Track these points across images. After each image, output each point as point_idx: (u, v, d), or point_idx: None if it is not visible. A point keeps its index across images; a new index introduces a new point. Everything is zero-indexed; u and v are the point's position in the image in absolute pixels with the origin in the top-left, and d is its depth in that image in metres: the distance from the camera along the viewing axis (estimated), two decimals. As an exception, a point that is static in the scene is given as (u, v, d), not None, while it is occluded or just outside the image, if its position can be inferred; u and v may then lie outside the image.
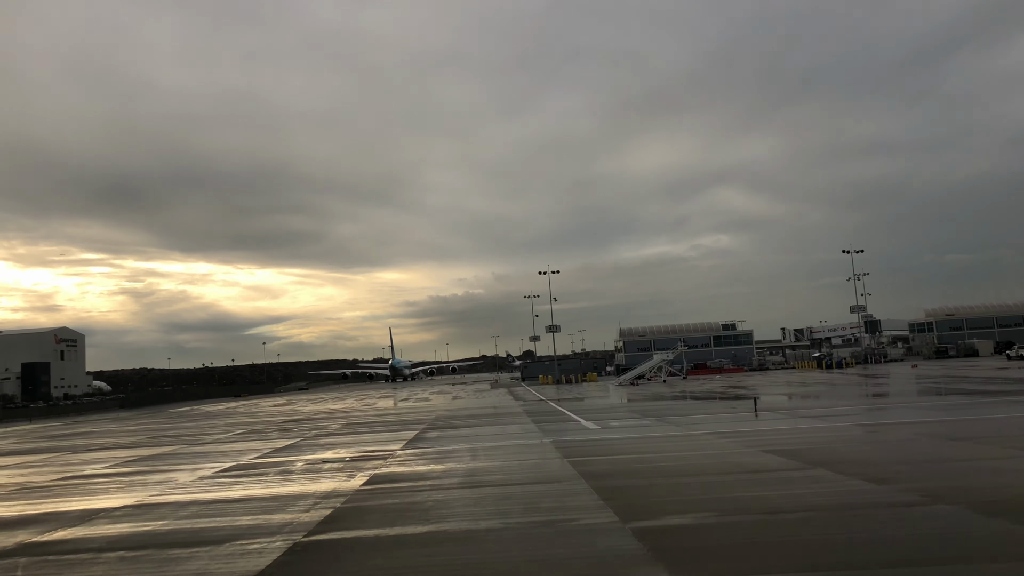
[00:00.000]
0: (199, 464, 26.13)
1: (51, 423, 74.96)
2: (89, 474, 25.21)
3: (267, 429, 43.15)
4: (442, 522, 13.67)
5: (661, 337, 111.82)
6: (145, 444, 37.77)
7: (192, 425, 53.29)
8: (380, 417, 49.08)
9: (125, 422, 65.42)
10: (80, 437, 47.05)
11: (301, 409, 68.62)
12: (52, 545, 13.51)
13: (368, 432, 36.74)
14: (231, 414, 67.69)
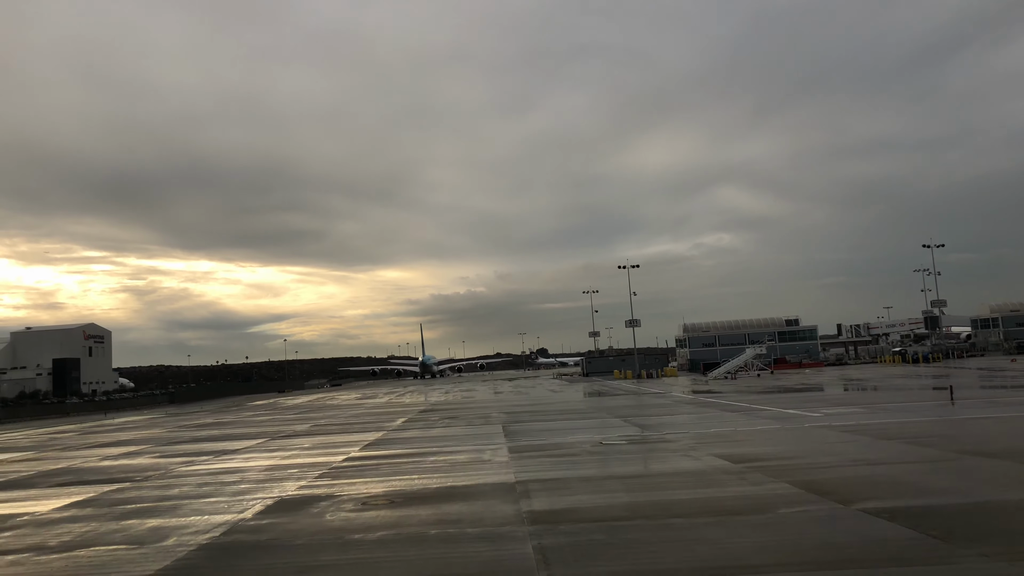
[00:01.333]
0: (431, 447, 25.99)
1: (130, 418, 74.57)
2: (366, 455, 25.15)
3: (385, 416, 43.48)
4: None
5: (725, 333, 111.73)
6: (333, 432, 37.52)
7: (319, 416, 53.03)
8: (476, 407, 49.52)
9: (240, 413, 65.04)
10: (237, 426, 47.11)
11: (379, 401, 69.27)
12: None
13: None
14: (326, 407, 67.35)
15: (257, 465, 24.14)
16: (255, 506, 16.10)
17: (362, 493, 17.13)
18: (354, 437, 32.92)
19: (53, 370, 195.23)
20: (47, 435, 49.48)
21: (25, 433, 54.23)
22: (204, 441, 35.80)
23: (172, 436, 40.81)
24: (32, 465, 29.00)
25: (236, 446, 31.71)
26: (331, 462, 23.71)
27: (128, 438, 41.75)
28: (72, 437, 45.48)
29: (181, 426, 50.49)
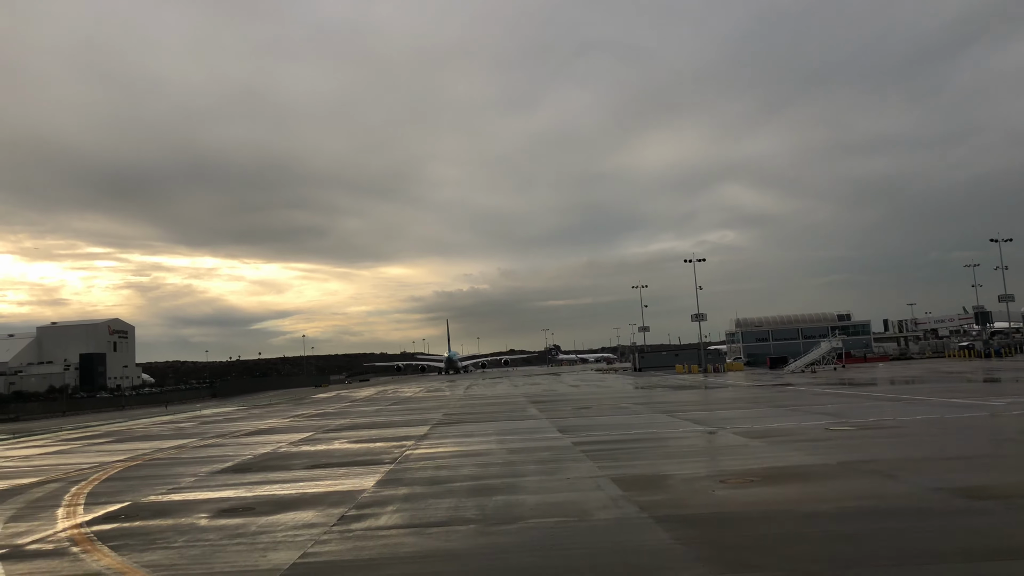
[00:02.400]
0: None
1: (219, 409, 74.19)
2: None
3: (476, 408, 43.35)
4: None
5: (778, 328, 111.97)
6: (506, 418, 37.43)
7: (402, 408, 52.70)
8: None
9: (331, 405, 64.54)
10: (368, 415, 46.91)
11: (449, 395, 69.17)
12: None
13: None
14: (413, 399, 67.11)
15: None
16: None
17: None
18: (544, 423, 32.71)
19: (80, 365, 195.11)
20: (194, 425, 49.34)
21: (137, 424, 53.96)
22: (388, 427, 35.56)
23: (328, 425, 40.57)
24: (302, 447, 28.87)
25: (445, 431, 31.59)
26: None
27: (287, 424, 41.78)
28: (223, 424, 45.28)
29: (309, 416, 50.20)
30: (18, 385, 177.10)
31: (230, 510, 15.54)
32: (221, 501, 16.79)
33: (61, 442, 39.64)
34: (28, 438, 44.73)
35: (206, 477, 21.31)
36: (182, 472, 22.73)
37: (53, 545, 13.20)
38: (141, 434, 41.90)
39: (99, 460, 28.05)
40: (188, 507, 16.24)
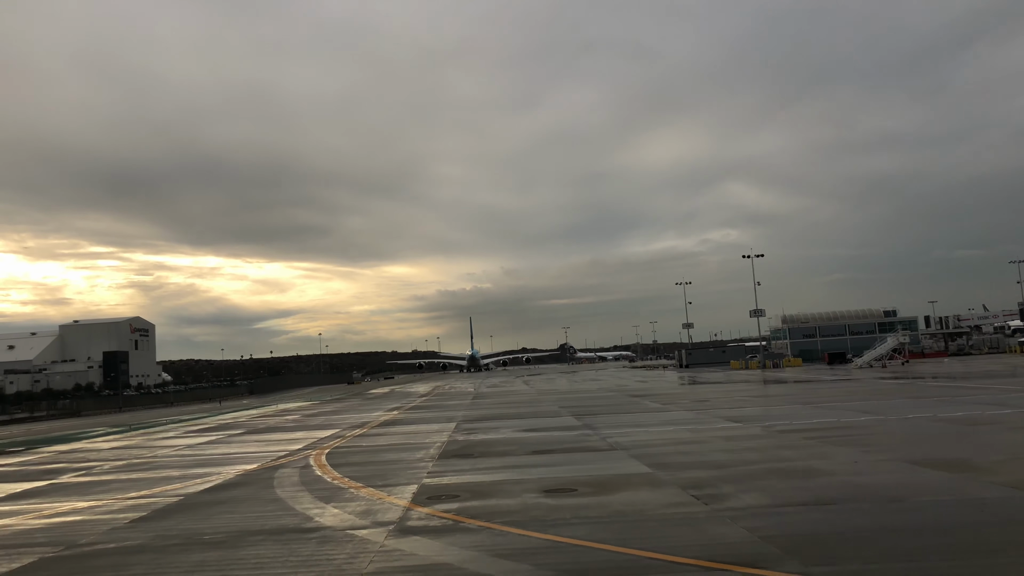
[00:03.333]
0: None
1: (296, 403, 73.76)
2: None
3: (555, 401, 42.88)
4: None
5: (825, 324, 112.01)
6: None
7: (462, 403, 52.42)
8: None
9: (405, 400, 64.21)
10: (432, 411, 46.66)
11: (522, 388, 68.37)
12: None
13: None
14: (468, 394, 66.75)
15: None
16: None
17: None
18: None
19: (103, 363, 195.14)
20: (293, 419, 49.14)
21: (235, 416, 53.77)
22: (514, 418, 35.37)
23: (465, 416, 40.33)
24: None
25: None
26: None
27: (413, 417, 41.52)
28: (331, 416, 45.08)
29: (415, 408, 49.93)
30: (43, 383, 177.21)
31: (551, 491, 15.36)
32: (513, 483, 16.62)
33: (204, 433, 39.30)
34: (151, 430, 44.48)
35: (439, 461, 21.12)
36: (405, 458, 22.54)
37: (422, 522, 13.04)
38: (264, 426, 41.64)
39: (287, 447, 27.85)
40: (496, 488, 16.04)
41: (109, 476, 22.58)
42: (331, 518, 13.76)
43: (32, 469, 25.98)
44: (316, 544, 11.74)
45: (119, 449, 32.04)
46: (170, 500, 17.05)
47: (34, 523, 15.18)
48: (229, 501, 16.37)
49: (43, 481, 22.10)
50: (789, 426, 25.29)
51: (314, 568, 10.30)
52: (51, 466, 26.63)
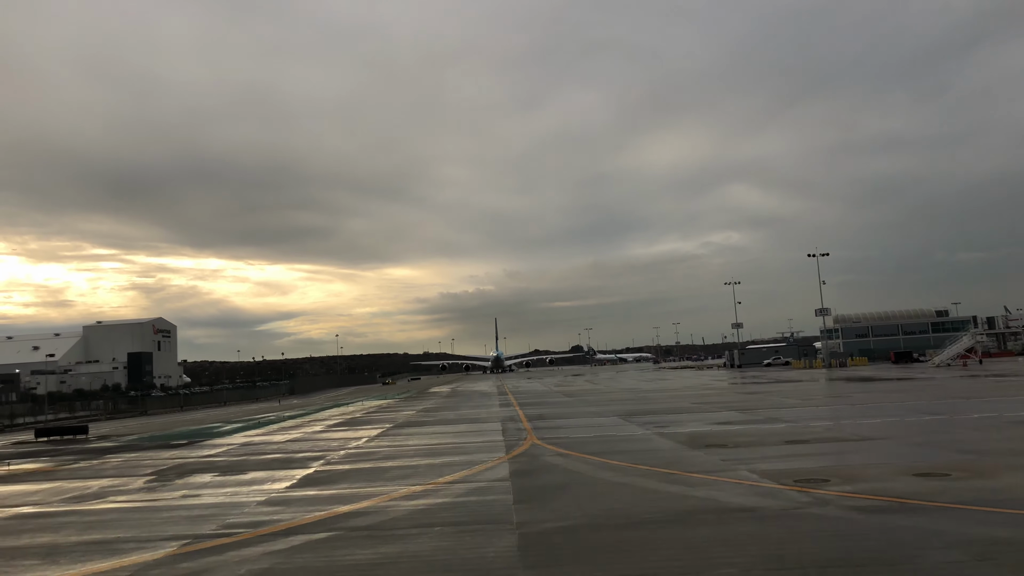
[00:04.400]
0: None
1: (373, 402, 73.25)
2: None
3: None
4: None
5: (877, 324, 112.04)
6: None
7: (591, 399, 52.22)
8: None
9: (488, 400, 63.70)
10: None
11: (586, 386, 68.15)
12: None
13: None
14: (543, 392, 66.30)
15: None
16: None
17: None
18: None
19: (128, 364, 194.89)
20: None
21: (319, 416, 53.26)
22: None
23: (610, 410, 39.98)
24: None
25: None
26: None
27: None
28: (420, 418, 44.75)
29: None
30: (68, 383, 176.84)
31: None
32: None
33: (349, 428, 38.89)
34: (276, 426, 44.04)
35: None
36: (660, 447, 22.27)
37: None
38: (404, 420, 41.27)
39: (480, 439, 27.52)
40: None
41: (362, 465, 22.21)
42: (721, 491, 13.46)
43: (262, 458, 25.51)
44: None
45: (302, 442, 31.62)
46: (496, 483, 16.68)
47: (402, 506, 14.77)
48: (570, 484, 16.08)
49: (304, 468, 21.70)
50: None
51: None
52: (273, 456, 26.19)
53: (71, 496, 18.84)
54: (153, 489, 19.31)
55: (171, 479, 21.23)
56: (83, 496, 18.73)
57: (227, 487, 18.85)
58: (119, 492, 19.16)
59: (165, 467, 24.46)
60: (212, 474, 21.86)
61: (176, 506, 16.37)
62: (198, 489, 18.79)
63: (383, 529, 12.54)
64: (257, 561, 10.74)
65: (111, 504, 17.23)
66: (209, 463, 24.94)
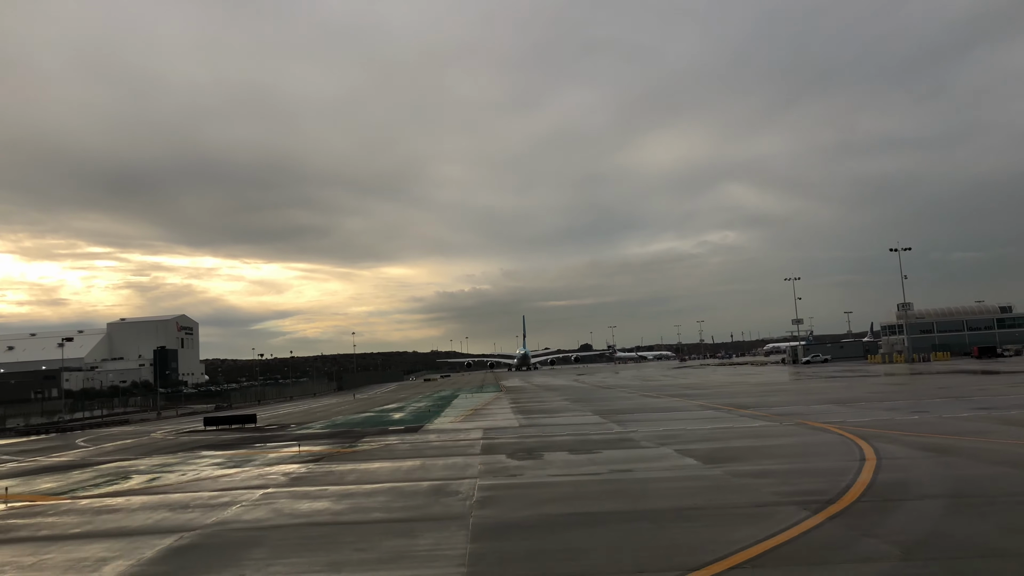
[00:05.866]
0: None
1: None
2: None
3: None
4: None
5: (941, 320, 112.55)
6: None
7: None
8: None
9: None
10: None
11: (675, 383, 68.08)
12: None
13: None
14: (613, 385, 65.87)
15: None
16: None
17: None
18: None
19: (154, 360, 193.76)
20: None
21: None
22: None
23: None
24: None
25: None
26: None
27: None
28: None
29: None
30: (94, 380, 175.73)
31: None
32: None
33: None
34: (452, 415, 43.54)
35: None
36: None
37: None
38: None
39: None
40: None
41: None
42: None
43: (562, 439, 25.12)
44: None
45: (532, 427, 31.27)
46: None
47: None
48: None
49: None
50: None
51: None
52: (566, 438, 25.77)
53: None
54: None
55: (523, 457, 20.97)
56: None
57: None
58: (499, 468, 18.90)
59: (472, 447, 24.08)
60: (564, 452, 21.57)
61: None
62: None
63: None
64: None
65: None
66: (520, 443, 24.64)
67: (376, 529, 12.63)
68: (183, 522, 14.12)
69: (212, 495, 17.38)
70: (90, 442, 41.02)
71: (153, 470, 23.58)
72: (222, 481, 19.89)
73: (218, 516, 14.49)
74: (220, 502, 16.18)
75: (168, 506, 16.09)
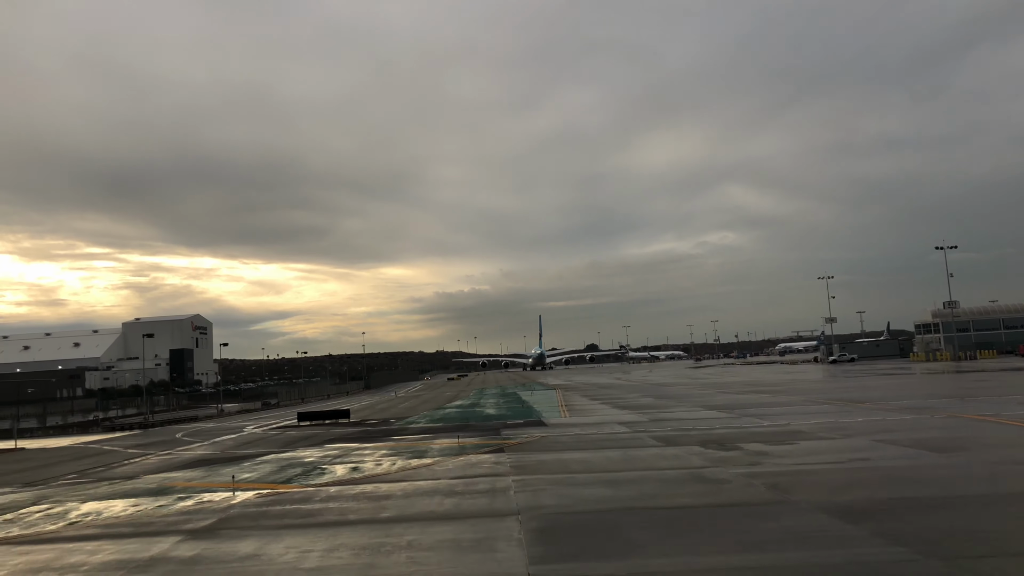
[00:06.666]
0: None
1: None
2: None
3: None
4: None
5: (979, 318, 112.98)
6: None
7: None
8: None
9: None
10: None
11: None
12: None
13: None
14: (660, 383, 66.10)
15: None
16: None
17: None
18: None
19: (170, 360, 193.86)
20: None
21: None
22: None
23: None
24: None
25: None
26: None
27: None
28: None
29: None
30: (112, 380, 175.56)
31: None
32: None
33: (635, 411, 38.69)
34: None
35: None
36: None
37: None
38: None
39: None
40: None
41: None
42: None
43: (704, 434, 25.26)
44: None
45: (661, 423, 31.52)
46: None
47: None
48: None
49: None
50: None
51: None
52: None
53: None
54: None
55: (729, 448, 21.11)
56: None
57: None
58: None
59: (641, 440, 24.21)
60: (757, 443, 21.70)
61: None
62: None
63: None
64: None
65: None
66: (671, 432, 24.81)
67: (731, 513, 12.81)
68: (484, 506, 14.28)
69: (466, 481, 17.55)
70: (194, 436, 41.03)
71: (332, 462, 23.59)
72: (448, 469, 20.09)
73: (517, 501, 14.64)
74: (480, 489, 16.29)
75: (436, 492, 16.18)
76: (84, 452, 36.05)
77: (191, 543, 12.57)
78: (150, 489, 19.89)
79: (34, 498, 19.68)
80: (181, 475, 23.00)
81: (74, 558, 11.95)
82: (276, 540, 12.31)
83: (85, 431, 52.49)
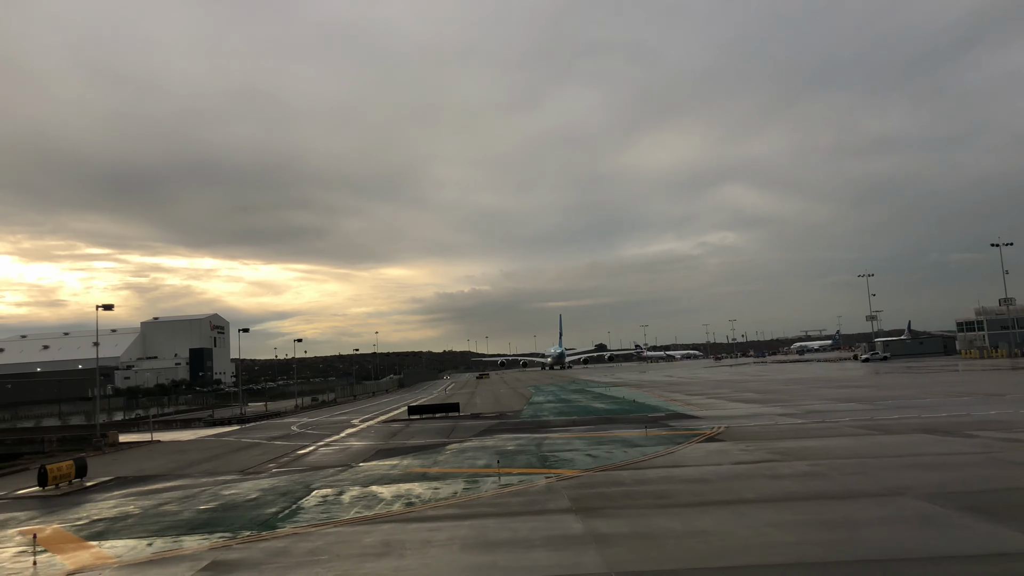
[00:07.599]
0: None
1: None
2: None
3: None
4: None
5: (1020, 316, 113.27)
6: None
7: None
8: None
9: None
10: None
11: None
12: None
13: None
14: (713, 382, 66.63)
15: None
16: None
17: None
18: None
19: (190, 359, 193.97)
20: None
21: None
22: None
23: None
24: None
25: None
26: None
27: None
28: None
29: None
30: (133, 379, 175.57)
31: None
32: None
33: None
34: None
35: None
36: None
37: None
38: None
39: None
40: None
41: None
42: None
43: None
44: None
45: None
46: None
47: None
48: None
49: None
50: None
51: None
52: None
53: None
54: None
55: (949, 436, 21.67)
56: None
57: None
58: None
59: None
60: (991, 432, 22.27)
61: None
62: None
63: None
64: None
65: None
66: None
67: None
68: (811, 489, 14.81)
69: (727, 468, 18.19)
70: (319, 429, 41.33)
71: (566, 448, 24.11)
72: (704, 456, 20.69)
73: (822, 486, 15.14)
74: (785, 473, 16.80)
75: (746, 476, 16.72)
76: (229, 445, 36.36)
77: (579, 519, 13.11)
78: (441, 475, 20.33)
79: (296, 486, 20.09)
80: (410, 462, 23.45)
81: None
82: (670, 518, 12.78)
83: (187, 426, 53.01)
